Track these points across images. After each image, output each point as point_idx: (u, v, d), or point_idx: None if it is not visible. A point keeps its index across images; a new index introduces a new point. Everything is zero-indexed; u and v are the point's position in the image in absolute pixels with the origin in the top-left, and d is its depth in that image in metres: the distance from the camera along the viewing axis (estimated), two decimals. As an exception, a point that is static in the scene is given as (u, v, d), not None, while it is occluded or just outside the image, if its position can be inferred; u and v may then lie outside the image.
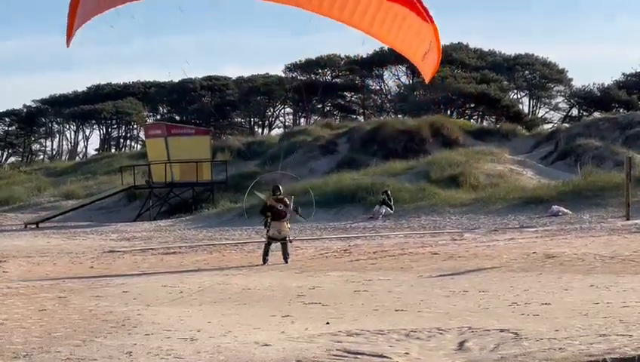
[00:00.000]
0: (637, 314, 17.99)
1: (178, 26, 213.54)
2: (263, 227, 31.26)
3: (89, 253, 37.56)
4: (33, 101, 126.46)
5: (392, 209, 51.18)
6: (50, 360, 14.70)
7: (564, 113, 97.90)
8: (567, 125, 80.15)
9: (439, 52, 17.07)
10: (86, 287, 24.96)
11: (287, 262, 28.93)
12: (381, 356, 14.83)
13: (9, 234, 56.87)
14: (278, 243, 30.80)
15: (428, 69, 18.01)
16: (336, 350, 15.24)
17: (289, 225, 31.67)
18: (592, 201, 50.22)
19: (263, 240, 32.46)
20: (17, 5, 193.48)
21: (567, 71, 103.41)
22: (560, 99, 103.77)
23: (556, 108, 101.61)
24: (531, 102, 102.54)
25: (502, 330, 16.54)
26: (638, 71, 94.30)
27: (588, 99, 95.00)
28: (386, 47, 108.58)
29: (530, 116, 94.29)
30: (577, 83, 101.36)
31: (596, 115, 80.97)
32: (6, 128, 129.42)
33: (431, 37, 16.49)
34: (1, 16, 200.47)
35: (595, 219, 45.15)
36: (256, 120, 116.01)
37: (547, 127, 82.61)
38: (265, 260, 29.08)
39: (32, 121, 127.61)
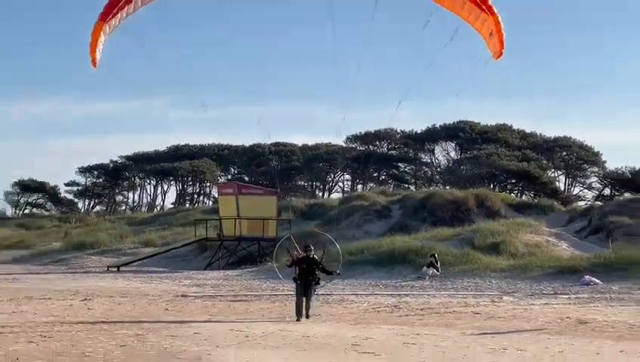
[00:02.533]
0: None
1: (248, 97, 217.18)
2: (293, 282, 28.89)
3: (164, 296, 37.68)
4: (119, 157, 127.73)
5: (438, 271, 51.00)
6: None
7: (598, 192, 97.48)
8: (600, 203, 79.57)
9: (500, 34, 19.54)
10: (162, 327, 25.02)
11: (307, 317, 27.25)
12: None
13: (93, 276, 57.22)
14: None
15: (493, 47, 19.95)
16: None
17: (320, 283, 29.37)
18: (622, 274, 49.80)
19: (322, 292, 32.55)
20: (108, 73, 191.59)
21: (602, 153, 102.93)
22: (594, 178, 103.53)
23: (590, 188, 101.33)
24: (567, 180, 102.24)
25: (539, 386, 16.49)
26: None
27: (620, 180, 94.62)
28: (438, 125, 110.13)
29: (565, 193, 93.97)
30: (611, 165, 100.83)
31: (627, 195, 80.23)
32: (94, 180, 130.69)
33: (492, 23, 19.11)
34: (94, 82, 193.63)
35: (624, 290, 44.78)
36: (318, 184, 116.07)
37: (581, 203, 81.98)
38: (298, 315, 27.28)
39: (117, 174, 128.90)
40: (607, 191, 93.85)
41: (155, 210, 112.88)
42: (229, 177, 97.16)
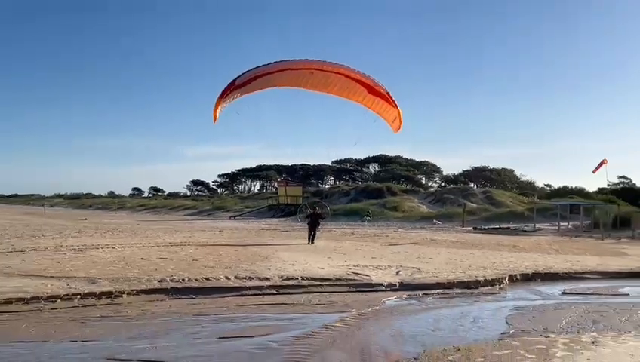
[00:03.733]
0: (467, 264, 17.83)
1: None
2: (307, 224, 26.72)
3: (253, 230, 37.58)
4: (235, 170, 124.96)
5: (370, 218, 50.94)
6: (241, 269, 14.77)
7: (439, 184, 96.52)
8: (439, 189, 79.00)
9: (401, 122, 17.39)
10: (252, 243, 24.99)
11: (313, 243, 24.71)
12: (365, 275, 14.84)
13: (223, 221, 57.02)
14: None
15: (394, 128, 17.62)
16: (349, 272, 15.26)
17: (320, 225, 27.12)
18: (449, 219, 49.79)
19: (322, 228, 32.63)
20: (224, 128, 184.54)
21: (441, 168, 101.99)
22: (437, 178, 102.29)
23: (435, 182, 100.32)
24: (426, 179, 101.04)
25: (414, 268, 16.42)
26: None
27: (449, 180, 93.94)
28: (372, 155, 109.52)
29: (425, 185, 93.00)
30: (446, 172, 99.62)
31: (452, 186, 79.58)
32: (225, 180, 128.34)
33: (397, 113, 16.96)
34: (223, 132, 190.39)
35: (450, 226, 44.73)
36: (320, 181, 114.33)
37: (432, 189, 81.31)
38: (309, 240, 25.15)
39: (235, 177, 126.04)
40: (442, 184, 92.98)
41: (251, 192, 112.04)
42: (280, 178, 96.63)
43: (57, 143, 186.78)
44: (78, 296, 11.10)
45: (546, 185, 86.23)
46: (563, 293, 13.89)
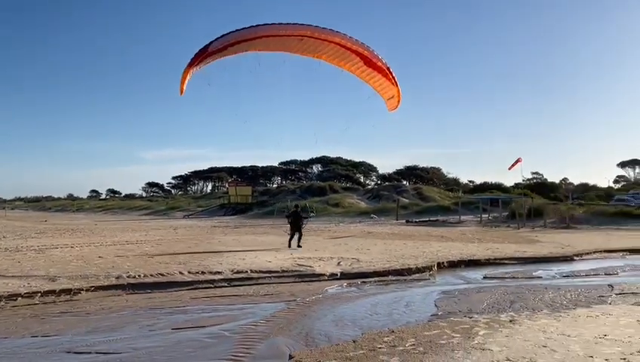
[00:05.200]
0: (400, 254, 18.07)
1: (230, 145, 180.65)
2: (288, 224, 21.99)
3: (205, 227, 37.04)
4: (189, 172, 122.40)
5: (315, 214, 50.95)
6: (194, 264, 14.55)
7: (375, 181, 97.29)
8: (376, 186, 79.85)
9: (399, 101, 13.72)
10: (206, 239, 24.63)
11: (300, 246, 19.93)
12: (310, 266, 14.84)
13: (177, 219, 55.96)
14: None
15: (390, 107, 13.93)
16: (294, 264, 15.23)
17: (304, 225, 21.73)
18: (385, 213, 50.35)
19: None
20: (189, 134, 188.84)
21: (377, 167, 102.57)
22: (374, 176, 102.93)
23: (372, 180, 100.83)
24: (364, 178, 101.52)
25: (353, 258, 16.52)
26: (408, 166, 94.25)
27: (384, 177, 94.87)
28: (315, 156, 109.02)
29: (364, 183, 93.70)
30: (382, 171, 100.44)
31: (387, 183, 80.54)
32: (178, 182, 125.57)
33: (394, 91, 13.42)
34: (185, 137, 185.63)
35: (386, 220, 45.21)
36: (267, 181, 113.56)
37: (369, 187, 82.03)
38: (290, 243, 20.18)
39: (188, 179, 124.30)
40: (379, 182, 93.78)
41: (204, 192, 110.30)
42: (231, 179, 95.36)
43: (19, 146, 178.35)
44: (39, 294, 10.71)
45: (469, 181, 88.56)
46: (484, 278, 14.26)
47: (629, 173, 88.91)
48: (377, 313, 9.77)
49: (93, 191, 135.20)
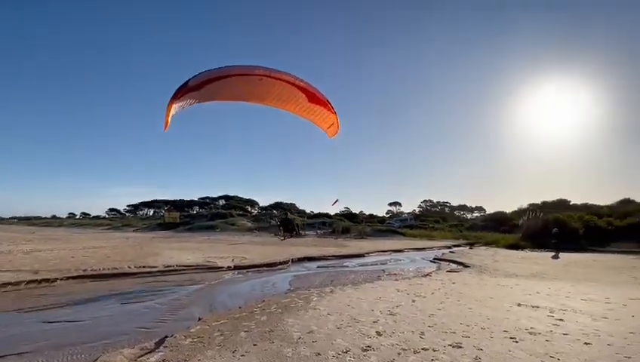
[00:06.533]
0: (271, 254, 17.48)
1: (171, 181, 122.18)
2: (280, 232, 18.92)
3: (148, 238, 33.76)
4: (140, 203, 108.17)
5: (219, 230, 48.09)
6: (139, 261, 13.33)
7: (258, 211, 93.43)
8: (258, 213, 76.62)
9: (338, 127, 10.13)
10: (146, 246, 22.40)
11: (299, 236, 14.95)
12: (214, 262, 14.29)
13: (129, 232, 49.56)
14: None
15: (330, 134, 10.17)
16: (205, 260, 14.57)
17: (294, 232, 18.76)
18: (265, 230, 49.20)
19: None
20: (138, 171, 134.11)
21: (259, 202, 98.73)
22: (257, 207, 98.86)
23: (255, 209, 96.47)
24: (252, 208, 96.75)
25: (242, 257, 15.94)
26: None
27: (263, 208, 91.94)
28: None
29: (251, 211, 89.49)
30: (262, 204, 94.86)
31: (264, 211, 77.93)
32: (130, 208, 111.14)
33: (334, 119, 10.01)
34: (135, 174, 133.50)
35: (266, 235, 43.93)
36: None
37: (254, 213, 77.59)
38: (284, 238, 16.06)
39: (137, 207, 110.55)
40: (260, 211, 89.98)
41: (148, 215, 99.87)
42: (166, 207, 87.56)
43: (20, 177, 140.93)
44: (24, 282, 9.26)
45: (311, 211, 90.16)
46: (318, 267, 14.61)
47: (393, 208, 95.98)
48: (255, 289, 9.75)
49: (71, 213, 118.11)
